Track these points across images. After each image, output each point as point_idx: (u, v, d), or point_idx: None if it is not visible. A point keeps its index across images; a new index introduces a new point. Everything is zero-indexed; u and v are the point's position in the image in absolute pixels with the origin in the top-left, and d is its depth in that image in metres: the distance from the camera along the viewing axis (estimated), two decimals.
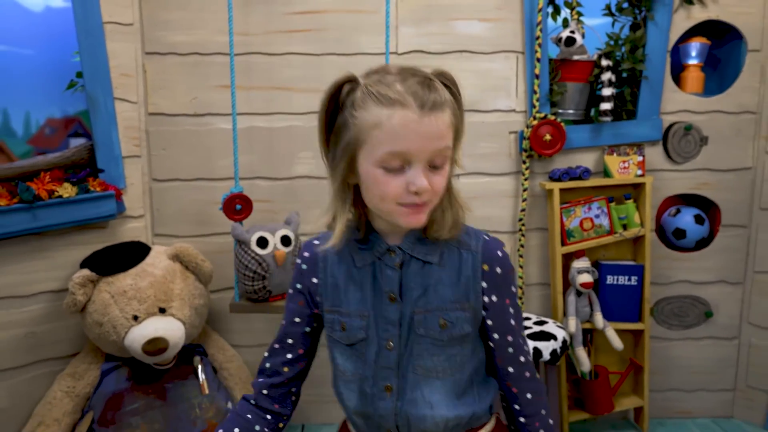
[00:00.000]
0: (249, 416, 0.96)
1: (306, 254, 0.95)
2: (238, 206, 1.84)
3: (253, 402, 0.97)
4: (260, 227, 1.85)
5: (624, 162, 2.07)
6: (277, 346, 0.97)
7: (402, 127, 0.77)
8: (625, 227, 2.10)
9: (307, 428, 2.23)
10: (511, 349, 0.91)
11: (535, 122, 2.04)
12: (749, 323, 2.23)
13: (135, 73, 2.02)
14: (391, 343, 0.88)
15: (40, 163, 1.87)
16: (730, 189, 2.18)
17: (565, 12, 2.15)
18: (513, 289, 0.91)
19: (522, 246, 2.15)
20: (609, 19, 2.17)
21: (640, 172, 2.07)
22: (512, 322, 0.91)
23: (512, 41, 2.08)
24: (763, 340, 2.20)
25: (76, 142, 2.16)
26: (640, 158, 2.07)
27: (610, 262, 2.14)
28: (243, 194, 1.85)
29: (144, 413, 1.79)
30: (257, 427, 0.95)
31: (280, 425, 0.98)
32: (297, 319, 0.95)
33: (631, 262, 2.14)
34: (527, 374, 0.93)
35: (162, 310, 1.82)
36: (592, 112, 2.18)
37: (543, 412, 0.94)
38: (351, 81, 0.82)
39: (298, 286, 0.95)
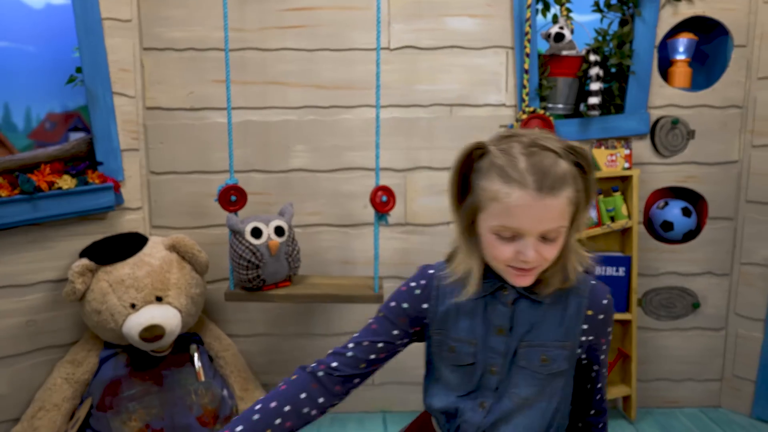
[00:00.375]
0: (302, 396, 0.96)
1: (422, 282, 1.01)
2: (233, 197, 1.89)
3: (319, 374, 0.97)
4: (254, 218, 1.89)
5: (611, 155, 2.11)
6: (366, 343, 0.99)
7: (517, 207, 0.83)
8: (612, 219, 2.14)
9: None
10: (593, 374, 1.05)
11: (524, 116, 2.08)
12: (736, 314, 2.27)
13: (133, 68, 2.06)
14: (494, 369, 0.96)
15: (40, 155, 1.92)
16: (717, 182, 2.22)
17: (554, 8, 2.19)
18: (609, 329, 1.01)
19: None
20: (598, 16, 2.21)
21: (627, 165, 2.11)
22: (601, 356, 1.03)
23: (502, 37, 2.12)
24: (750, 331, 2.24)
25: (76, 137, 2.20)
26: (627, 151, 2.11)
27: (598, 253, 2.17)
28: (238, 186, 1.89)
29: (141, 399, 1.84)
30: (306, 409, 0.95)
31: (328, 410, 0.99)
32: (395, 332, 1.00)
33: (619, 254, 2.18)
34: (597, 397, 1.08)
35: (159, 299, 1.87)
36: (582, 106, 2.22)
37: (601, 425, 1.09)
38: (480, 148, 0.88)
39: (405, 305, 1.00)
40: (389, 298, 1.03)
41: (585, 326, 0.97)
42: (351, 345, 1.00)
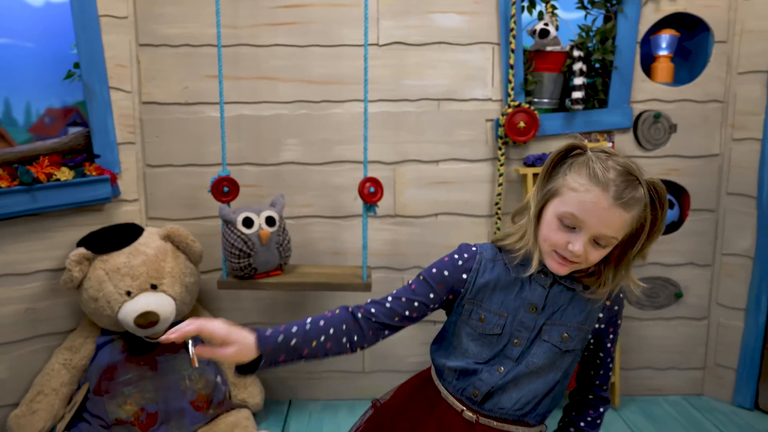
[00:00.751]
0: (344, 326, 1.06)
1: (465, 255, 1.11)
2: (225, 188, 1.94)
3: (359, 315, 1.07)
4: (246, 208, 1.95)
5: None
6: (404, 299, 1.09)
7: (590, 203, 0.95)
8: None
9: (294, 403, 2.33)
10: (597, 361, 1.16)
11: (509, 110, 2.14)
12: (718, 304, 2.33)
13: (129, 64, 2.12)
14: (517, 341, 1.08)
15: (39, 148, 1.98)
16: (699, 175, 2.27)
17: (540, 5, 2.25)
18: (620, 321, 1.14)
19: (498, 229, 2.25)
20: (584, 13, 2.26)
21: None
22: (608, 345, 1.15)
23: (488, 33, 2.17)
24: (731, 320, 2.30)
25: (75, 131, 2.27)
26: (610, 144, 2.16)
27: None
28: (230, 177, 1.95)
29: (136, 383, 1.90)
30: (344, 339, 1.05)
31: (358, 349, 1.08)
32: (432, 295, 1.10)
33: None
34: (597, 382, 1.19)
35: (154, 287, 1.93)
36: (567, 101, 2.27)
37: (601, 410, 1.19)
38: (581, 148, 1.02)
39: (446, 273, 1.10)
40: (431, 265, 1.12)
41: (601, 315, 1.10)
42: (390, 298, 1.09)
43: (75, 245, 1.98)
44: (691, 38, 2.35)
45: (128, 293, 1.89)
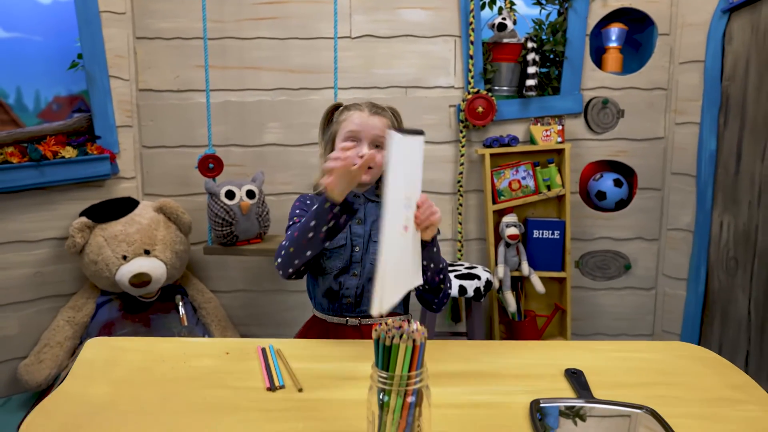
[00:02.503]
0: None
1: (309, 197, 1.42)
2: (210, 165, 2.18)
3: None
4: (229, 182, 2.19)
5: (546, 131, 2.38)
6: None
7: (357, 118, 1.34)
8: (548, 188, 2.41)
9: None
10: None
11: (469, 96, 2.36)
12: (664, 275, 2.54)
13: (127, 55, 2.37)
14: (357, 248, 1.37)
15: (46, 129, 2.23)
16: (645, 156, 2.48)
17: (500, 1, 2.47)
18: None
19: (461, 205, 2.47)
20: (545, 10, 2.48)
21: (560, 139, 2.38)
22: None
23: (450, 26, 2.40)
24: (676, 290, 2.50)
25: (79, 116, 2.51)
26: (560, 127, 2.38)
27: (537, 218, 2.45)
28: (215, 155, 2.18)
29: (131, 338, 2.13)
30: None
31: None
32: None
33: (555, 219, 2.45)
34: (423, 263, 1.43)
35: (147, 252, 2.17)
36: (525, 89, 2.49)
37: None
38: (340, 105, 1.41)
39: (306, 209, 1.36)
40: (293, 212, 1.38)
41: None
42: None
43: (78, 216, 2.22)
44: (642, 31, 2.56)
45: (124, 257, 2.13)
